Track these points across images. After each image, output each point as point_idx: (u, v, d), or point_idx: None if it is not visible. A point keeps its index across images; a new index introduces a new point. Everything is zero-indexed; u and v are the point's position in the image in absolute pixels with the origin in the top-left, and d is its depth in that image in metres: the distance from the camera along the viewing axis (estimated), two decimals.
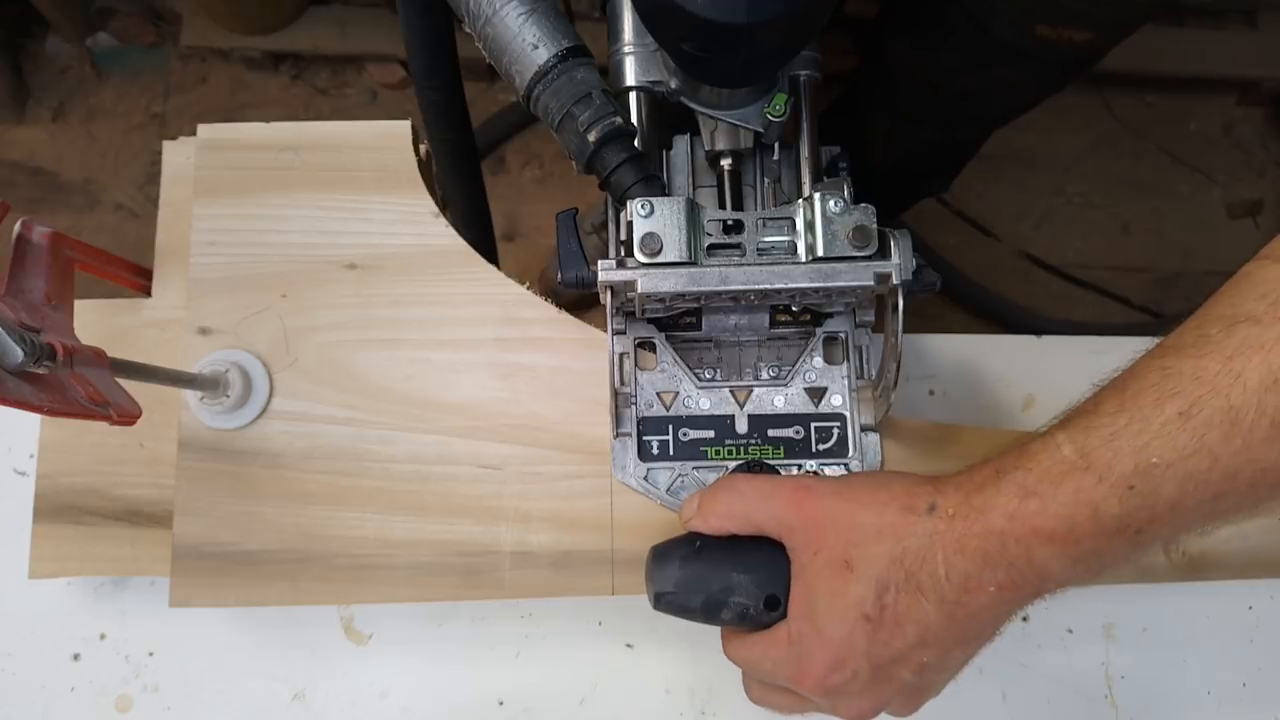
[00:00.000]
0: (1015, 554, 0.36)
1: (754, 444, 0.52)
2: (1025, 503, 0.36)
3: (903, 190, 1.15)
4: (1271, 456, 0.33)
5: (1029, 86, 0.87)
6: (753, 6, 0.42)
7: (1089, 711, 0.57)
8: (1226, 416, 0.33)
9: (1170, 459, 0.34)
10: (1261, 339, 0.33)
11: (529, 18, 0.48)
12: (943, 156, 1.05)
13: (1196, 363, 0.35)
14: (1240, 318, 0.35)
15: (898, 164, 1.03)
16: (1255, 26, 1.55)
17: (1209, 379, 0.34)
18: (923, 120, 0.94)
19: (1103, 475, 0.35)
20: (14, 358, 0.35)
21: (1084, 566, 0.36)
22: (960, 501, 0.38)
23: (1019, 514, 0.36)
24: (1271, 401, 0.33)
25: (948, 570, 0.37)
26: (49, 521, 0.55)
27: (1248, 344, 0.34)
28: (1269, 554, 0.56)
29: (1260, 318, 0.34)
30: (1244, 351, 0.34)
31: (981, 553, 0.36)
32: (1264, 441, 0.33)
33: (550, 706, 0.56)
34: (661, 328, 0.53)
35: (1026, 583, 0.37)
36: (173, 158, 0.60)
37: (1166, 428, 0.34)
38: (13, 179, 1.45)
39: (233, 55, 1.50)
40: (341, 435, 0.53)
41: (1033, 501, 0.36)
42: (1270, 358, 0.33)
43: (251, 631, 0.57)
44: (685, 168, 0.58)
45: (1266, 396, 0.33)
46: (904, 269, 0.45)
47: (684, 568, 0.43)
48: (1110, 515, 0.35)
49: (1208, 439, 0.34)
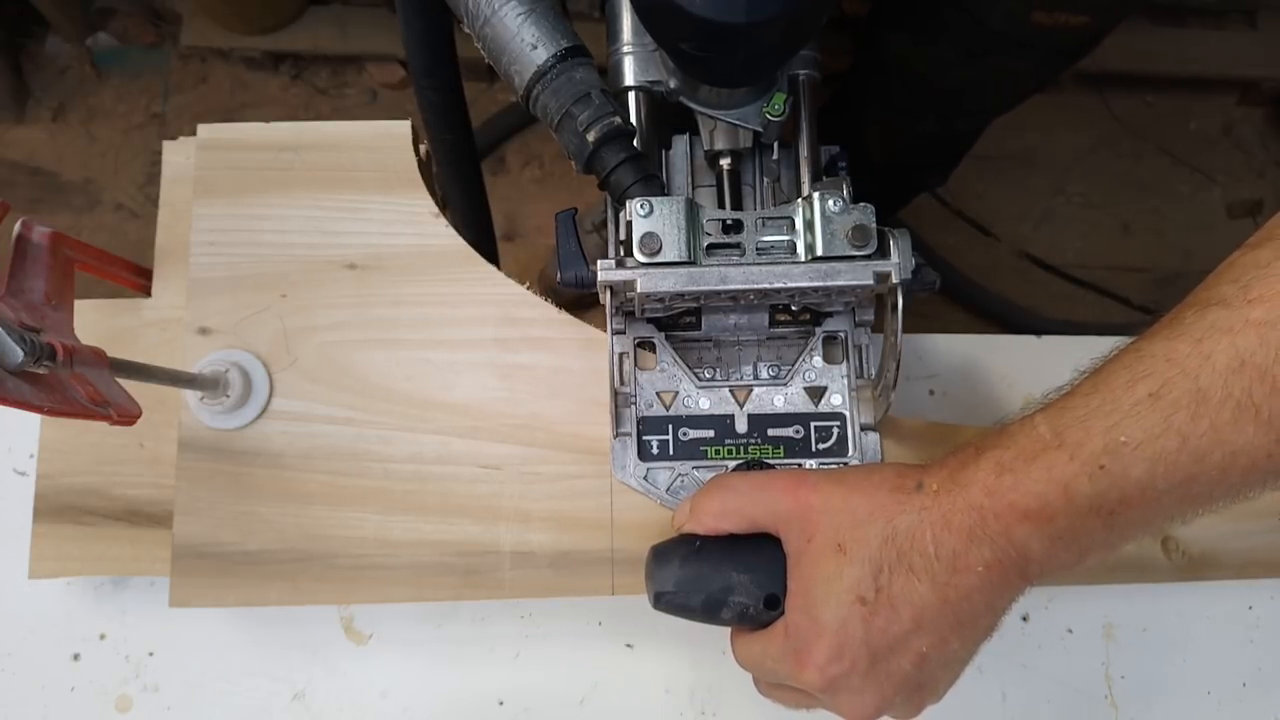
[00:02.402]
0: (995, 531, 0.36)
1: (754, 443, 0.52)
2: (1001, 479, 0.36)
3: (900, 185, 1.15)
4: (1239, 440, 0.33)
5: (1027, 75, 0.87)
6: (752, 6, 0.42)
7: (1089, 711, 0.57)
8: (1194, 398, 0.34)
9: (1139, 439, 0.34)
10: (1230, 322, 0.34)
11: (528, 18, 0.48)
12: (940, 149, 1.05)
13: (1168, 345, 0.35)
14: (1213, 301, 0.35)
15: (895, 159, 1.03)
16: (1255, 26, 1.55)
17: (1179, 360, 0.34)
18: (920, 114, 0.94)
19: (1074, 453, 0.35)
20: (14, 358, 0.36)
21: (1063, 546, 0.36)
22: (945, 478, 0.38)
23: (996, 489, 0.36)
24: (1237, 384, 0.33)
25: (936, 548, 0.37)
26: (49, 521, 0.55)
27: (1217, 327, 0.34)
28: (1269, 554, 0.56)
29: (1230, 301, 0.34)
30: (1213, 334, 0.34)
31: (966, 529, 0.37)
32: (1230, 424, 0.33)
33: (550, 706, 0.56)
34: (661, 327, 0.53)
35: (1011, 563, 0.37)
36: (173, 158, 0.60)
37: (1137, 408, 0.35)
38: (13, 179, 1.45)
39: (233, 55, 1.50)
40: (341, 435, 0.53)
41: (1008, 478, 0.36)
42: (1238, 341, 0.33)
43: (251, 631, 0.57)
44: (684, 167, 0.58)
45: (1233, 379, 0.33)
46: (903, 268, 0.45)
47: (684, 567, 0.43)
48: (1082, 494, 0.35)
49: (1175, 420, 0.34)
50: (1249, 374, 0.33)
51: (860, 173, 0.54)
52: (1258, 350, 0.33)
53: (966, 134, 1.02)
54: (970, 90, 0.88)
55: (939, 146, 1.04)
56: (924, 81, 0.88)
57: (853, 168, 0.55)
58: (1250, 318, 0.33)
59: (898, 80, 0.92)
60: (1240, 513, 0.55)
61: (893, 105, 0.96)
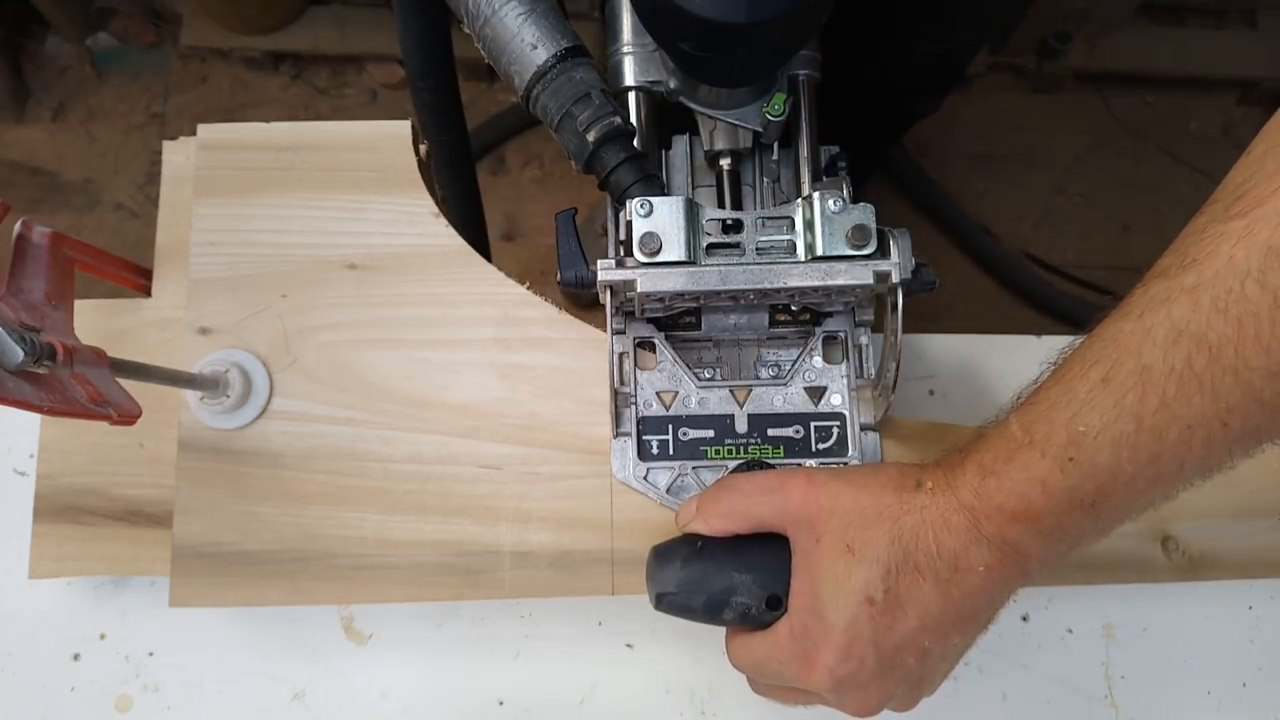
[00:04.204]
0: (991, 532, 0.36)
1: (754, 443, 0.52)
2: (985, 482, 0.36)
3: (897, 114, 1.16)
4: (1190, 413, 0.32)
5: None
6: (752, 6, 0.42)
7: (1089, 711, 0.57)
8: (1140, 377, 0.33)
9: (1097, 426, 0.34)
10: (1168, 292, 0.33)
11: (528, 18, 0.48)
12: (937, 72, 1.06)
13: (1116, 326, 0.34)
14: (1155, 274, 0.34)
15: (891, 82, 1.03)
16: (1255, 26, 1.56)
17: (1124, 340, 0.34)
18: (920, 33, 0.95)
19: (1044, 450, 0.35)
20: (14, 358, 0.35)
21: (1055, 540, 0.36)
22: (939, 478, 0.38)
23: (982, 492, 0.36)
24: (1177, 356, 0.32)
25: (939, 548, 0.37)
26: (49, 521, 0.55)
27: (1156, 299, 0.33)
28: (1269, 554, 0.56)
29: (1169, 271, 0.34)
30: (1153, 308, 0.33)
31: (964, 530, 0.37)
32: (1177, 398, 0.32)
33: (550, 706, 0.56)
34: (661, 327, 0.53)
35: (1012, 562, 0.37)
36: (173, 158, 0.60)
37: (1091, 395, 0.34)
38: (13, 179, 1.45)
39: (233, 55, 1.50)
40: (341, 435, 0.53)
41: (990, 480, 0.36)
42: (1173, 310, 0.33)
43: (251, 631, 0.57)
44: (684, 167, 0.58)
45: (1172, 351, 0.32)
46: (903, 268, 0.45)
47: (685, 568, 0.43)
48: (1059, 489, 0.35)
49: (1127, 401, 0.33)
50: (1186, 343, 0.32)
51: (855, 108, 0.54)
52: (1191, 317, 0.32)
53: (963, 51, 1.03)
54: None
55: (936, 68, 1.05)
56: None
57: (848, 104, 0.54)
58: (1184, 284, 0.33)
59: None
60: (1240, 513, 0.55)
61: (894, 25, 0.96)
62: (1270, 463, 0.55)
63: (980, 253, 1.44)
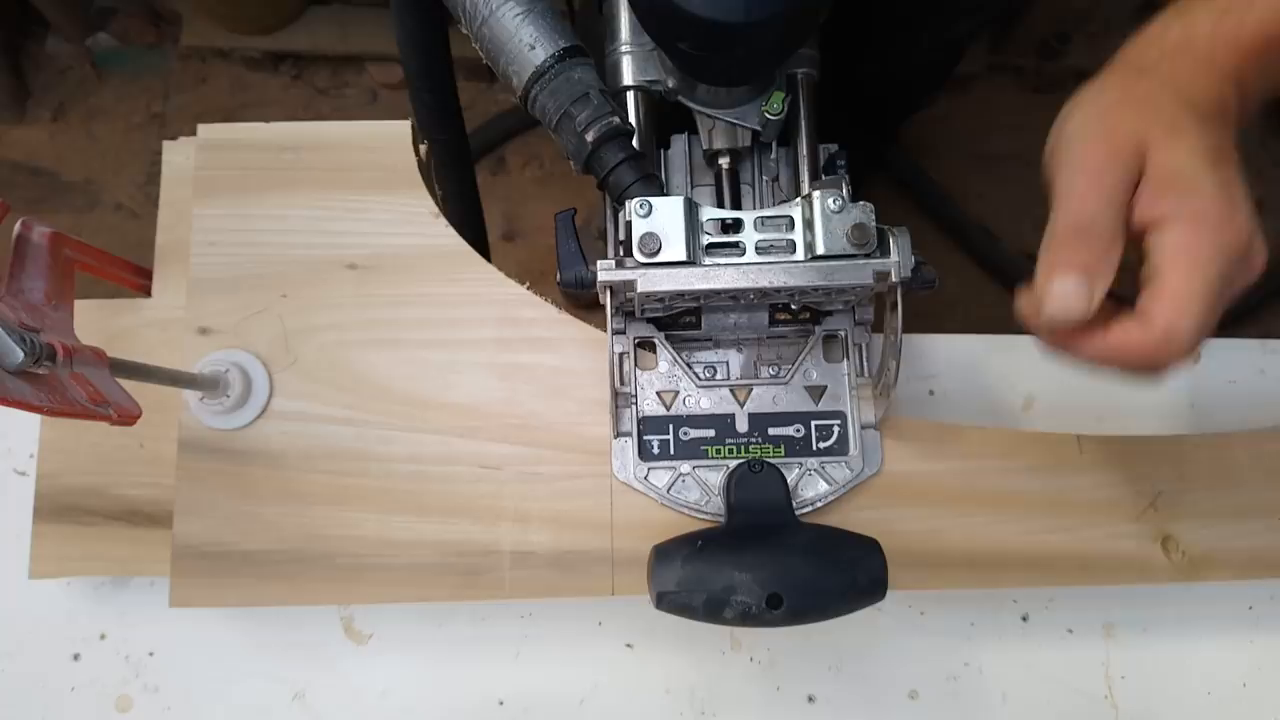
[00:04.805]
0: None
1: (754, 442, 0.52)
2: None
3: (898, 106, 1.17)
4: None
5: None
6: (751, 6, 0.42)
7: (1089, 711, 0.57)
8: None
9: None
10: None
11: (526, 18, 0.48)
12: (936, 63, 1.07)
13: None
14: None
15: (891, 74, 1.04)
16: None
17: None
18: (921, 22, 0.95)
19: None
20: (14, 358, 0.35)
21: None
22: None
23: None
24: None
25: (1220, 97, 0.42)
26: (49, 521, 0.55)
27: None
28: (1269, 554, 0.56)
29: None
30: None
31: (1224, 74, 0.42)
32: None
33: (550, 706, 0.56)
34: (661, 327, 0.53)
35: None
36: (173, 158, 0.60)
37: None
38: (13, 179, 1.45)
39: (233, 55, 1.50)
40: (341, 435, 0.53)
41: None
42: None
43: (251, 631, 0.57)
44: (683, 167, 0.58)
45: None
46: (903, 267, 0.45)
47: (686, 567, 0.43)
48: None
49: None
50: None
51: (855, 102, 0.54)
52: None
53: (962, 39, 1.03)
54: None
55: (935, 60, 1.05)
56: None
57: (848, 98, 0.55)
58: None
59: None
60: (1240, 513, 0.55)
61: (895, 17, 0.96)
62: (1270, 463, 0.55)
63: (981, 253, 1.44)
